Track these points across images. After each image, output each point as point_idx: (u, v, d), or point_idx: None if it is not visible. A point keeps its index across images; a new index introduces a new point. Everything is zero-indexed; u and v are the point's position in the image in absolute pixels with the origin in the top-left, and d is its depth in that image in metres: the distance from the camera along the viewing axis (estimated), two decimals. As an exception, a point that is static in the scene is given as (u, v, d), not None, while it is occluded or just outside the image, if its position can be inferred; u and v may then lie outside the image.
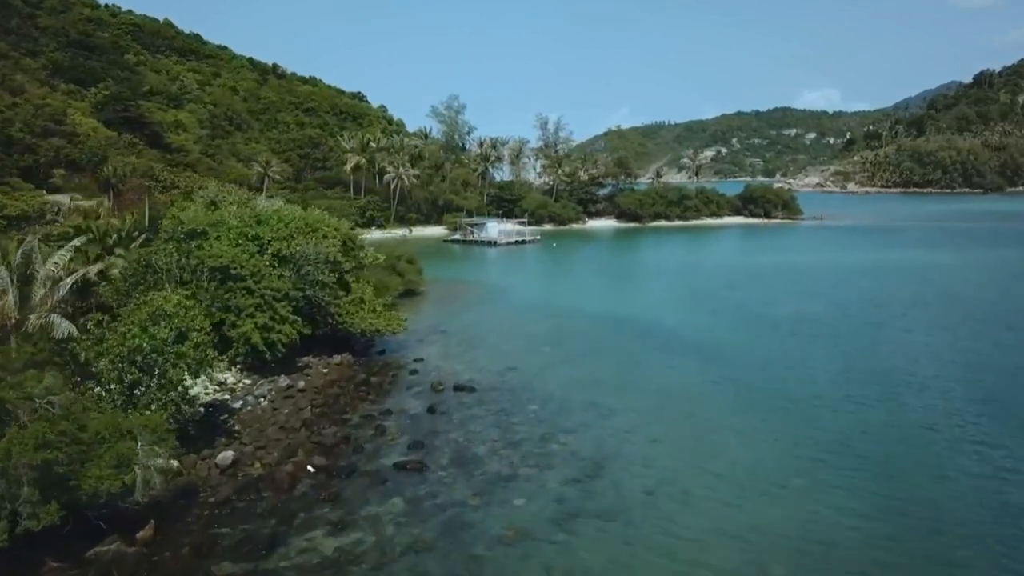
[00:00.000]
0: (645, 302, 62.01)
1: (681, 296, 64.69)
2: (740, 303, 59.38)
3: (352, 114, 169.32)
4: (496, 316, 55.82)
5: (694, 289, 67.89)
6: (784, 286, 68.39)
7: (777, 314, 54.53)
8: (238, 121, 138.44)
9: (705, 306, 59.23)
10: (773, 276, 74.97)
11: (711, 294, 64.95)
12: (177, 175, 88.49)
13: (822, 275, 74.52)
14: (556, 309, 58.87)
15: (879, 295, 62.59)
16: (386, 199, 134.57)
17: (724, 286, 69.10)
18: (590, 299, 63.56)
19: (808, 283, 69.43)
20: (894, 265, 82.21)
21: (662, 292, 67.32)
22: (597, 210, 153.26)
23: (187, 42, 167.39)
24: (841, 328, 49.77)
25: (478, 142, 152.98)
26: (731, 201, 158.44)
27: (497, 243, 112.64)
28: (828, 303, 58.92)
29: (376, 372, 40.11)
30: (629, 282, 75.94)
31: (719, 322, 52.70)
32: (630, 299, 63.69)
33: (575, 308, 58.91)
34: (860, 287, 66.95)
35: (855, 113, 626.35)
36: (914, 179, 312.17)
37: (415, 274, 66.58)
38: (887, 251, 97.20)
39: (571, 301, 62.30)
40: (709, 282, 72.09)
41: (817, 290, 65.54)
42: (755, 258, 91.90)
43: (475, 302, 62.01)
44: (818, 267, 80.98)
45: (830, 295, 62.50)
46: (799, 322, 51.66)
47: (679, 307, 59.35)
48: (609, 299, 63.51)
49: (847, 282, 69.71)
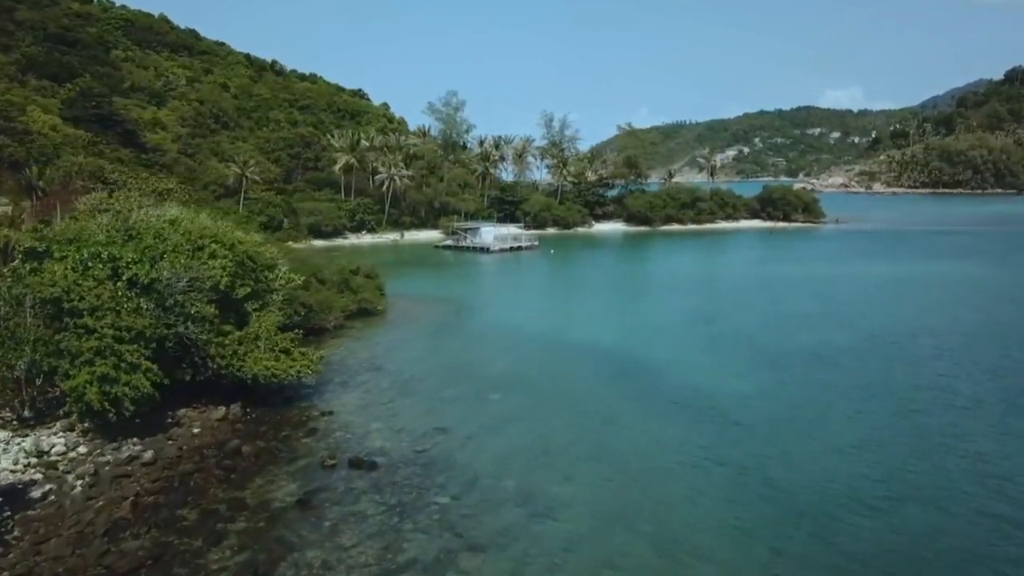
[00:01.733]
0: (638, 327, 51.94)
1: (682, 320, 54.53)
2: (749, 332, 49.06)
3: (350, 112, 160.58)
4: (452, 347, 46.13)
5: (697, 311, 57.64)
6: (802, 306, 57.96)
7: (792, 349, 44.22)
8: (225, 119, 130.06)
9: (707, 334, 49.01)
10: (790, 293, 64.49)
11: (716, 318, 54.71)
12: (130, 176, 79.83)
13: (845, 293, 63.96)
14: (529, 336, 49.07)
15: (912, 321, 51.85)
16: (380, 201, 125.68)
17: (733, 307, 58.83)
18: (574, 322, 53.77)
19: (830, 303, 58.91)
20: (928, 279, 71.26)
21: (661, 313, 57.17)
22: (605, 213, 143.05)
23: (181, 37, 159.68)
24: (870, 373, 39.29)
25: (479, 140, 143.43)
26: (748, 203, 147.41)
27: (490, 250, 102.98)
28: (853, 333, 48.37)
29: (263, 433, 30.66)
30: (625, 300, 65.84)
31: (721, 359, 42.49)
32: (621, 323, 53.70)
33: (552, 335, 49.13)
34: (889, 309, 56.27)
35: (880, 112, 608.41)
36: (943, 179, 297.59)
37: (371, 291, 57.20)
38: (919, 261, 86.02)
39: (550, 325, 52.52)
40: (716, 301, 61.94)
41: (840, 313, 54.99)
42: (771, 269, 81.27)
43: (435, 327, 52.38)
44: (841, 282, 70.36)
45: (855, 322, 51.87)
46: (818, 361, 41.33)
47: (677, 335, 49.20)
48: (596, 323, 53.59)
49: (874, 303, 59.04)
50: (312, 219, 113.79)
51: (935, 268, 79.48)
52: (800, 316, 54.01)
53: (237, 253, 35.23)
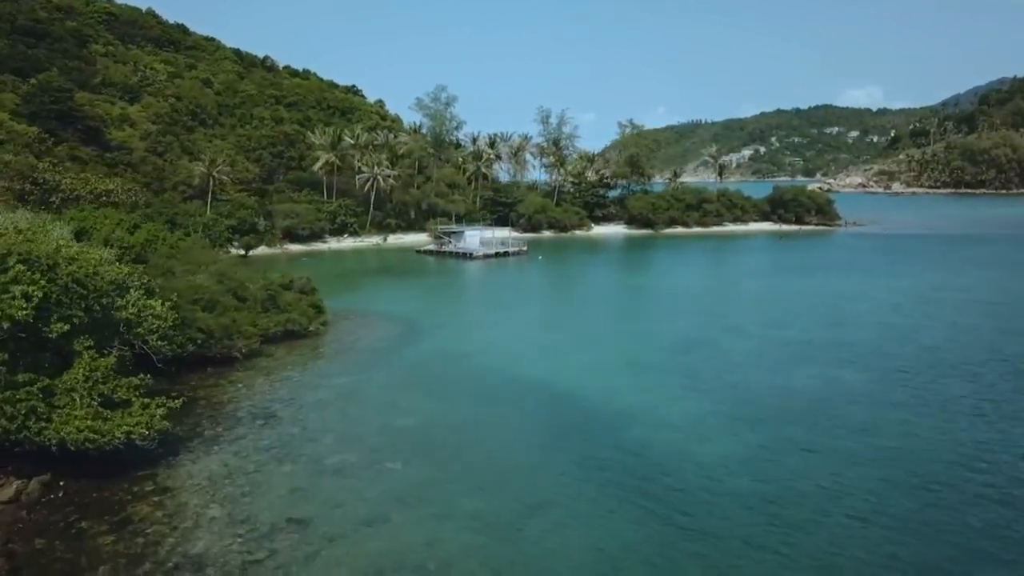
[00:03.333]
0: (608, 361, 42.98)
1: (662, 349, 45.49)
2: (741, 368, 40.04)
3: (341, 109, 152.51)
4: (373, 387, 37.49)
5: (684, 337, 48.52)
6: (807, 333, 48.75)
7: (791, 395, 35.15)
8: (203, 116, 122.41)
9: (689, 371, 40.04)
10: (794, 314, 55.23)
11: (704, 348, 45.65)
12: (67, 175, 72.00)
13: (860, 315, 54.41)
14: (474, 371, 40.45)
15: (942, 353, 42.36)
16: (366, 203, 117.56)
17: (726, 332, 49.62)
18: (535, 351, 44.99)
19: (840, 329, 49.48)
20: (960, 297, 61.56)
21: (640, 340, 48.14)
22: (605, 215, 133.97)
23: (166, 32, 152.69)
24: (890, 435, 30.12)
25: (471, 138, 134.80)
26: (758, 204, 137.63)
27: (473, 255, 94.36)
28: (867, 372, 39.13)
29: (54, 526, 22.30)
30: (603, 320, 56.75)
31: (700, 411, 33.50)
32: (591, 353, 44.77)
33: (503, 369, 40.43)
34: (912, 337, 46.63)
35: (900, 110, 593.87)
36: (965, 179, 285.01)
37: (304, 310, 48.77)
38: (946, 271, 76.15)
39: (507, 354, 43.81)
40: (707, 324, 52.72)
41: (853, 344, 45.62)
42: (776, 282, 71.86)
43: (368, 356, 43.76)
44: (855, 300, 60.96)
45: (870, 356, 42.53)
46: (823, 417, 32.22)
47: (652, 372, 40.21)
48: (561, 352, 44.74)
49: (894, 330, 49.49)
50: (288, 222, 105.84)
51: (964, 280, 69.71)
52: (804, 346, 44.81)
53: (60, 275, 26.76)
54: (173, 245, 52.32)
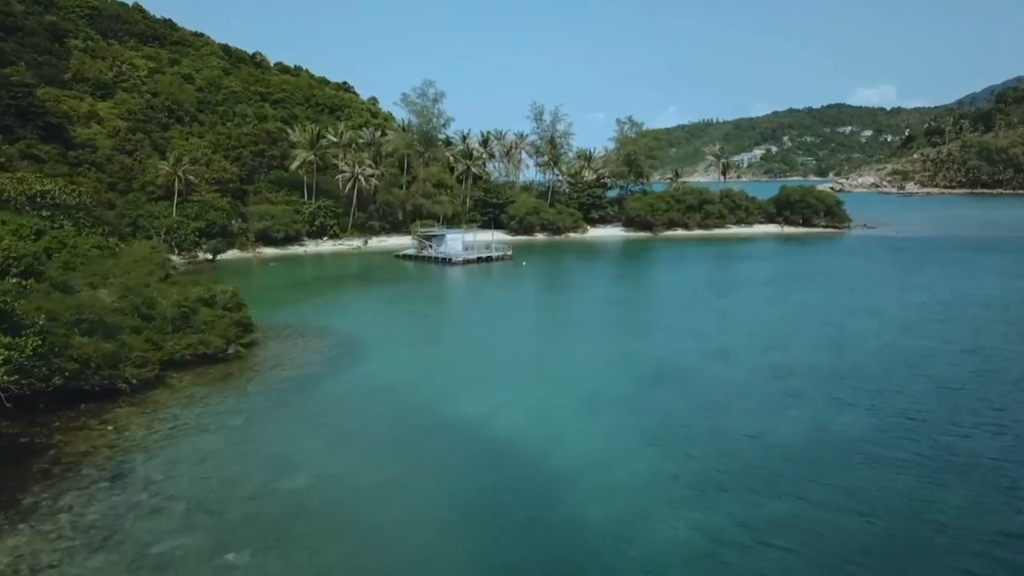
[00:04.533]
0: (559, 398, 36.13)
1: (630, 384, 38.60)
2: (719, 415, 33.11)
3: (331, 106, 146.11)
4: (270, 433, 30.91)
5: (659, 364, 41.63)
6: (808, 361, 41.72)
7: (781, 453, 28.32)
8: (180, 112, 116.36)
9: (654, 411, 33.23)
10: (796, 337, 48.16)
11: (677, 380, 38.77)
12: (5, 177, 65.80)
13: (869, 339, 47.23)
14: (396, 412, 33.85)
15: (966, 395, 34.87)
16: (351, 203, 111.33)
17: (711, 357, 42.68)
18: (481, 384, 38.32)
19: (846, 356, 42.39)
20: (980, 314, 54.11)
21: (609, 369, 41.20)
22: (601, 216, 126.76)
23: (152, 26, 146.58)
24: (890, 517, 23.27)
25: (461, 136, 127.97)
26: (763, 206, 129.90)
27: (453, 260, 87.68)
28: (878, 418, 32.15)
29: None
30: (573, 341, 49.60)
31: (653, 473, 26.78)
32: (547, 387, 37.98)
33: (432, 410, 33.77)
34: (929, 370, 39.42)
35: (914, 109, 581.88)
36: (982, 178, 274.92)
37: (225, 328, 42.32)
38: (963, 280, 68.56)
39: (443, 388, 37.13)
40: (688, 347, 45.70)
41: (858, 374, 38.64)
42: (777, 294, 64.68)
43: (282, 388, 37.15)
44: (864, 315, 53.74)
45: (875, 399, 35.38)
46: (816, 494, 25.39)
47: (609, 417, 33.23)
48: (513, 386, 38.10)
49: (906, 357, 42.24)
50: (262, 224, 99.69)
51: (984, 292, 62.25)
52: (797, 379, 37.81)
53: None
54: (81, 254, 46.07)
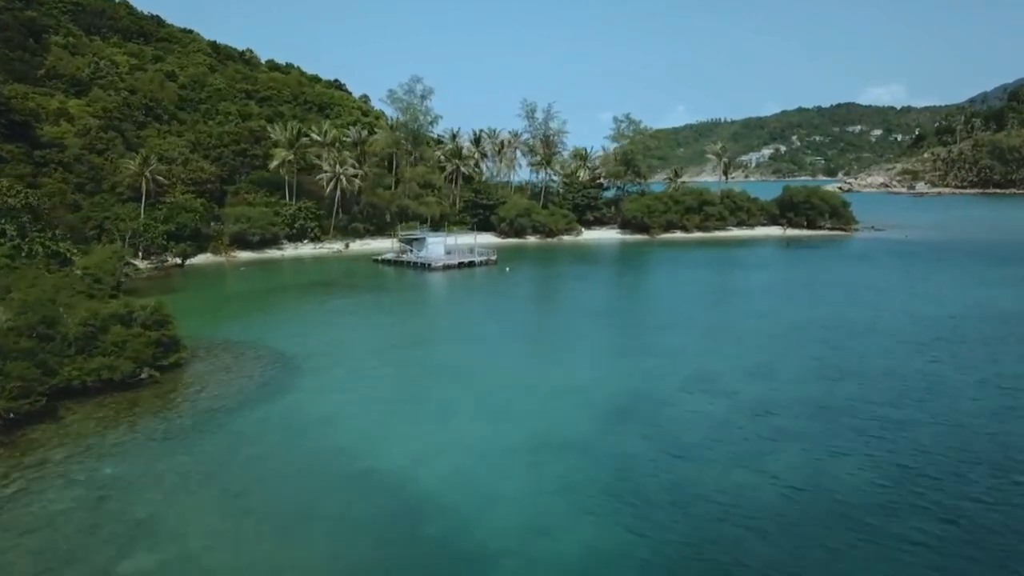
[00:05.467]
0: (510, 440, 30.66)
1: (589, 422, 32.97)
2: (686, 467, 27.55)
3: (320, 104, 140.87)
4: (146, 488, 25.59)
5: (628, 396, 36.04)
6: (800, 392, 36.02)
7: (745, 549, 22.70)
8: (158, 111, 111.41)
9: (612, 457, 27.77)
10: (790, 359, 42.35)
11: (648, 412, 33.17)
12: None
13: (872, 361, 41.35)
14: (306, 459, 28.48)
15: (988, 446, 28.99)
16: (335, 204, 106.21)
17: (688, 385, 37.04)
18: (415, 421, 32.82)
19: (845, 387, 36.62)
20: (1001, 332, 47.97)
21: (568, 402, 35.54)
22: (596, 218, 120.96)
23: (137, 22, 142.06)
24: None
25: (451, 134, 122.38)
26: (766, 207, 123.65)
27: (432, 266, 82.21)
28: (870, 473, 26.48)
29: None
30: (534, 365, 43.86)
31: (597, 550, 21.33)
32: (492, 426, 32.37)
33: (350, 457, 28.42)
34: (941, 407, 33.46)
35: (925, 108, 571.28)
36: (994, 178, 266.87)
37: (140, 350, 36.99)
38: (978, 289, 62.45)
39: (370, 427, 31.73)
40: (667, 376, 39.94)
41: (857, 410, 32.90)
42: (772, 307, 58.84)
43: (186, 423, 31.84)
44: (868, 333, 47.86)
45: (873, 448, 29.71)
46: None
47: (556, 468, 27.65)
48: (452, 424, 32.60)
49: (914, 387, 36.42)
50: (237, 227, 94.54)
51: (1003, 306, 56.16)
52: (784, 416, 32.13)
53: None
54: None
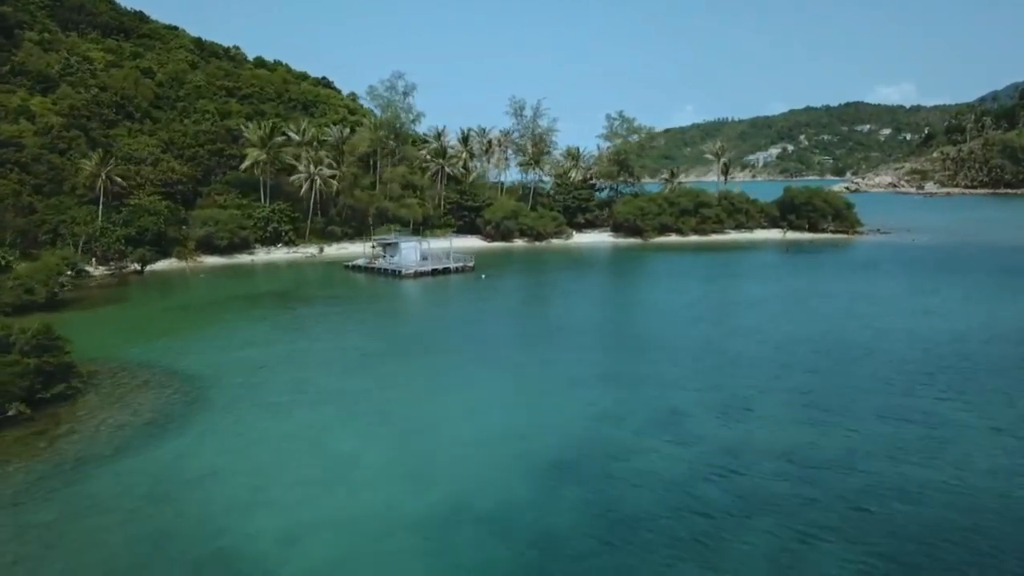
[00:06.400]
0: (420, 510, 25.06)
1: (524, 483, 27.26)
2: (628, 557, 21.69)
3: (304, 102, 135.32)
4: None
5: (574, 446, 30.23)
6: (778, 440, 30.14)
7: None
8: (130, 108, 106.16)
9: (538, 537, 21.96)
10: (770, 394, 36.41)
11: (596, 470, 27.46)
12: None
13: (870, 398, 35.22)
14: (160, 534, 22.93)
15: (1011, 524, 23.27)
16: (315, 207, 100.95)
17: (647, 428, 31.19)
18: (298, 487, 27.21)
19: (832, 431, 30.69)
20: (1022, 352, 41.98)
21: (502, 451, 29.61)
22: (588, 221, 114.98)
23: (117, 18, 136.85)
24: None
25: (436, 133, 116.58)
26: (766, 209, 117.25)
27: (402, 273, 76.48)
28: (855, 551, 20.52)
29: None
30: (476, 399, 38.32)
31: None
32: (398, 489, 26.71)
33: (206, 536, 22.82)
34: (953, 460, 27.53)
35: (935, 107, 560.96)
36: (1005, 178, 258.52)
37: (8, 382, 31.44)
38: (993, 303, 56.18)
39: (244, 492, 25.98)
40: (626, 416, 34.02)
41: (849, 465, 27.03)
42: (760, 323, 52.78)
43: (25, 481, 26.26)
44: (866, 358, 41.79)
45: (865, 522, 23.87)
46: None
47: (465, 557, 22.05)
48: (347, 488, 26.99)
49: (920, 433, 30.42)
50: (204, 230, 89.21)
51: (1019, 323, 49.92)
52: (757, 475, 26.29)
53: None
54: None
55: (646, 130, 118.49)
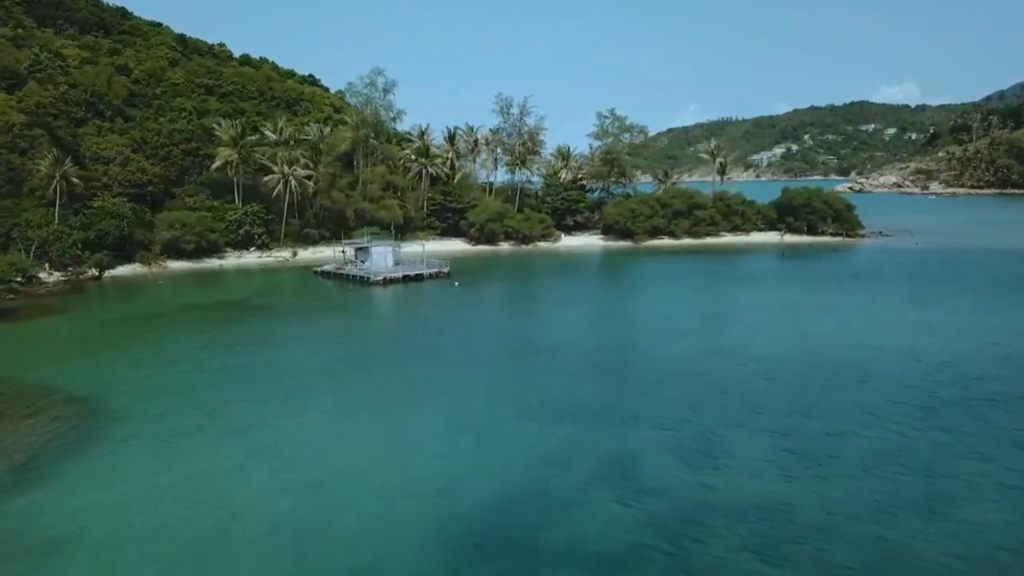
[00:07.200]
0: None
1: (417, 564, 22.64)
2: None
3: (288, 100, 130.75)
4: None
5: (480, 531, 25.69)
6: (772, 533, 25.48)
7: None
8: (100, 106, 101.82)
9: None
10: (749, 458, 31.73)
11: (509, 558, 22.73)
12: None
13: (858, 457, 30.54)
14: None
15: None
16: (291, 209, 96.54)
17: (583, 491, 26.62)
18: (145, 565, 22.59)
19: (806, 488, 26.02)
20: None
21: (398, 523, 25.31)
22: (577, 223, 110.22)
23: (96, 13, 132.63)
24: None
25: (419, 131, 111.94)
26: (763, 211, 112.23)
27: (371, 280, 71.90)
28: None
29: None
30: (374, 461, 33.57)
31: None
32: (261, 559, 22.17)
33: None
34: (965, 520, 23.00)
35: (940, 106, 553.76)
36: (1012, 177, 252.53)
37: None
38: (1012, 315, 51.27)
39: (88, 564, 21.45)
40: (553, 504, 29.48)
41: (837, 539, 22.26)
42: (743, 342, 48.10)
43: None
44: (858, 384, 37.03)
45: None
46: None
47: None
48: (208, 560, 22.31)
49: (922, 496, 25.76)
50: (170, 233, 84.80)
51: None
52: (729, 550, 21.56)
53: None
54: None
55: (639, 128, 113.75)
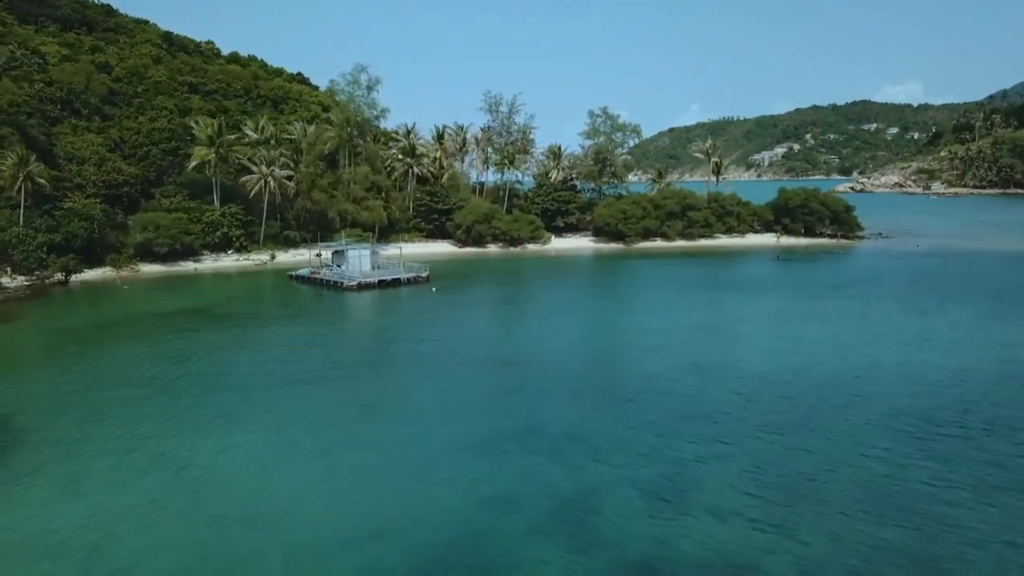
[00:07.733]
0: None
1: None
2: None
3: (274, 98, 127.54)
4: None
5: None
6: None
7: None
8: (77, 105, 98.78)
9: None
10: (736, 529, 28.52)
11: None
12: None
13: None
14: None
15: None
16: (271, 210, 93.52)
17: (549, 538, 23.34)
18: None
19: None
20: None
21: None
22: (568, 224, 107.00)
23: (79, 10, 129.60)
24: None
25: (405, 130, 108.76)
26: (759, 212, 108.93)
27: (345, 285, 68.76)
28: None
29: None
30: (308, 507, 30.47)
31: None
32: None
33: None
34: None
35: (943, 106, 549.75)
36: (1015, 177, 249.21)
37: None
38: (1013, 326, 47.97)
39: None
40: (497, 553, 26.27)
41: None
42: (722, 361, 44.90)
43: None
44: (850, 408, 33.80)
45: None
46: None
47: None
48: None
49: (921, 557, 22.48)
50: (143, 236, 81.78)
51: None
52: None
53: None
54: None
55: (632, 127, 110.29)
